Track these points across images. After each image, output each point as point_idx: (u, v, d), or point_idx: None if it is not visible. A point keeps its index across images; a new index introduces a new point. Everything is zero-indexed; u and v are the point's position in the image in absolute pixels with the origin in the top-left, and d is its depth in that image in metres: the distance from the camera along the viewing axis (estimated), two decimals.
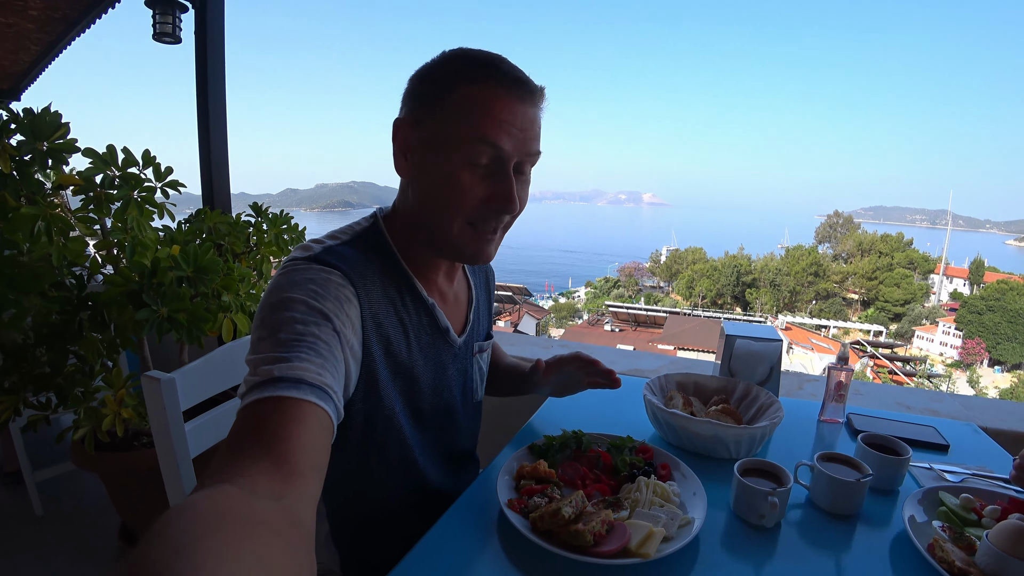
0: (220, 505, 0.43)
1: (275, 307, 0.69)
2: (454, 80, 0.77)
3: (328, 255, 0.77)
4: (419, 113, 0.80)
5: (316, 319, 0.69)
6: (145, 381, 1.02)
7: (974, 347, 36.34)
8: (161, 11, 2.59)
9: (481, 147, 0.76)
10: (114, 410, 1.73)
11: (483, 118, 0.75)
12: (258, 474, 0.51)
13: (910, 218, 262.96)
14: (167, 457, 1.04)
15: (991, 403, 1.78)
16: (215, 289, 1.76)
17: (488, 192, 0.79)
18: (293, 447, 0.55)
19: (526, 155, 0.80)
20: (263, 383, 0.60)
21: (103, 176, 1.71)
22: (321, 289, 0.72)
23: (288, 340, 0.65)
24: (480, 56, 0.79)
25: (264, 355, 0.64)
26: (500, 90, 0.76)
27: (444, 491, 0.98)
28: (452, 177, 0.78)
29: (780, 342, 1.29)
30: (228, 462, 0.53)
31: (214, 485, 0.48)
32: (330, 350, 0.68)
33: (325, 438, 0.61)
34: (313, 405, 0.61)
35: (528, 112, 0.79)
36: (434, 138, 0.79)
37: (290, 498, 0.50)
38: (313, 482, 0.55)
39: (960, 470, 1.08)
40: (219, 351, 1.17)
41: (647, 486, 0.85)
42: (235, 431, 0.58)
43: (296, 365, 0.63)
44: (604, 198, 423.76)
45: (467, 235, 0.83)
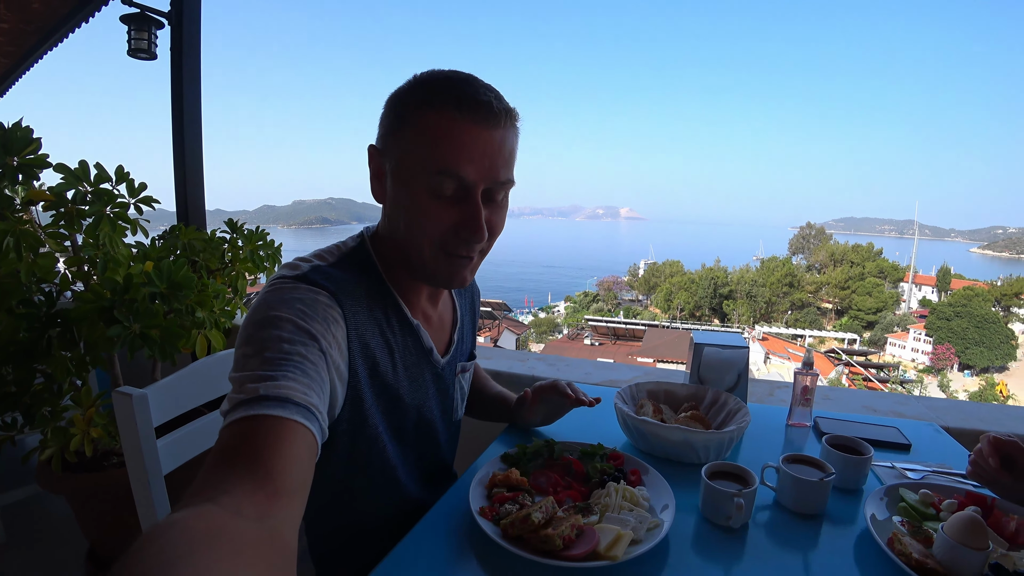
0: (205, 524, 0.43)
1: (262, 325, 0.69)
2: (416, 107, 0.76)
3: (316, 275, 0.77)
4: (387, 140, 0.80)
5: (303, 339, 0.69)
6: (116, 397, 1.01)
7: (944, 352, 37.33)
8: (136, 27, 2.58)
9: (443, 178, 0.76)
10: (83, 429, 1.69)
11: (443, 147, 0.74)
12: (243, 493, 0.50)
13: (879, 228, 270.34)
14: (138, 475, 1.02)
15: (953, 404, 1.84)
16: (189, 305, 1.75)
17: (456, 220, 0.79)
18: (278, 466, 0.55)
19: (493, 182, 0.78)
20: (248, 401, 0.60)
21: (75, 192, 1.69)
22: (309, 309, 0.72)
23: (274, 359, 0.65)
24: (441, 79, 0.77)
25: (250, 373, 0.64)
26: (458, 115, 0.74)
27: (422, 505, 0.98)
28: (419, 206, 0.78)
29: (747, 349, 1.32)
30: (212, 480, 0.52)
31: (198, 504, 0.47)
32: (316, 370, 0.68)
33: (310, 458, 0.61)
34: (298, 424, 0.60)
35: (493, 136, 0.76)
36: (400, 166, 0.79)
37: (275, 518, 0.50)
38: (297, 502, 0.55)
39: (921, 468, 1.12)
40: (192, 367, 1.16)
41: (616, 491, 0.87)
42: (219, 449, 0.57)
43: (282, 384, 0.62)
44: (582, 213, 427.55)
45: (440, 261, 0.82)
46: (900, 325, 44.57)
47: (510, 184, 0.82)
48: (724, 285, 51.07)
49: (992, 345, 37.54)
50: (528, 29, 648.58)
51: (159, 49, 2.62)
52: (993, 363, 37.60)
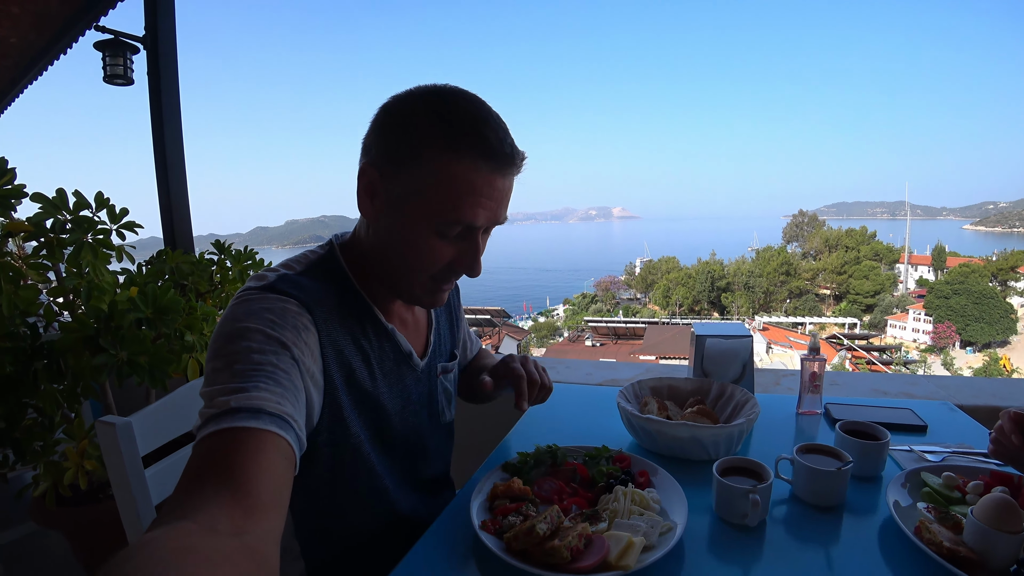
0: (179, 542, 0.42)
1: (230, 337, 0.67)
2: (436, 149, 0.72)
3: (283, 283, 0.76)
4: (390, 164, 0.76)
5: (274, 348, 0.68)
6: (100, 427, 0.98)
7: (945, 331, 37.37)
8: (111, 54, 2.55)
9: (455, 223, 0.75)
10: (76, 462, 1.66)
11: (459, 195, 0.73)
12: (218, 509, 0.49)
13: (871, 212, 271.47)
14: (127, 506, 1.00)
15: (964, 381, 1.81)
16: (177, 329, 1.71)
17: (453, 257, 0.80)
18: (254, 479, 0.53)
19: (495, 222, 0.80)
20: (220, 415, 0.58)
21: (54, 220, 1.66)
22: (278, 318, 0.70)
23: (245, 370, 0.64)
24: (462, 118, 0.73)
25: (220, 386, 0.62)
26: (484, 166, 0.73)
27: (418, 518, 0.95)
28: (421, 242, 0.77)
29: (750, 338, 1.28)
30: (186, 497, 0.51)
31: (172, 522, 0.47)
32: (290, 379, 0.67)
33: (287, 468, 0.59)
34: (273, 435, 0.59)
35: (506, 183, 0.77)
36: (404, 197, 0.76)
37: (252, 532, 0.49)
38: (275, 515, 0.53)
39: (940, 449, 1.09)
40: (179, 391, 1.13)
41: (625, 495, 0.83)
42: (192, 465, 0.56)
43: (254, 395, 0.61)
44: (575, 215, 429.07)
45: (427, 289, 0.83)
46: (899, 306, 44.66)
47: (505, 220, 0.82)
48: (721, 278, 51.11)
49: (992, 320, 37.60)
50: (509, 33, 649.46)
51: (136, 74, 2.59)
52: (994, 338, 37.65)
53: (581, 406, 1.37)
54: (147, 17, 2.42)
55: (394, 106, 0.77)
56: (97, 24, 2.55)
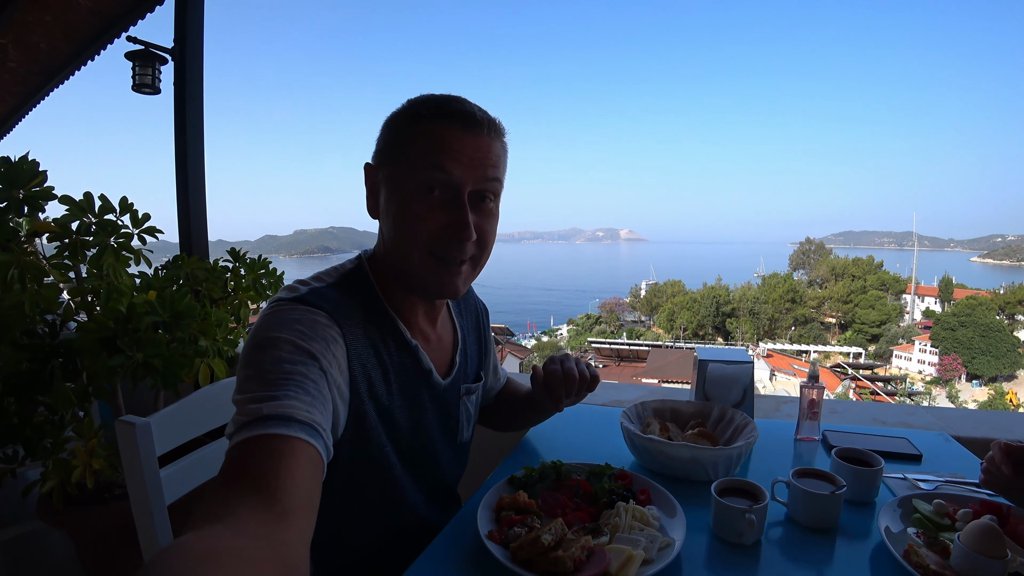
0: (212, 546, 0.43)
1: (262, 346, 0.70)
2: (409, 121, 0.82)
3: (314, 296, 0.79)
4: (381, 156, 0.85)
5: (303, 358, 0.70)
6: (119, 426, 1.00)
7: (951, 363, 37.00)
8: (141, 64, 2.64)
9: (430, 173, 0.79)
10: (84, 461, 1.68)
11: (430, 148, 0.79)
12: (249, 514, 0.50)
13: (878, 241, 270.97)
14: (141, 505, 1.01)
15: (961, 412, 1.82)
16: (192, 334, 1.75)
17: (444, 220, 0.81)
18: (284, 485, 0.55)
19: (481, 181, 0.82)
20: (251, 422, 0.60)
21: (79, 223, 1.71)
22: (308, 329, 0.73)
23: (276, 379, 0.66)
24: (431, 96, 0.83)
25: (252, 394, 0.64)
26: (447, 121, 0.80)
27: (426, 529, 0.97)
28: (408, 209, 0.81)
29: (751, 363, 1.32)
30: (218, 502, 0.53)
31: (204, 526, 0.48)
32: (318, 389, 0.69)
33: (316, 475, 0.61)
34: (303, 442, 0.61)
35: (478, 141, 0.81)
36: (391, 176, 0.83)
37: (282, 537, 0.50)
38: (305, 520, 0.55)
39: (933, 478, 1.11)
40: (195, 395, 1.16)
41: (626, 511, 0.86)
42: (224, 471, 0.58)
43: (285, 403, 0.63)
44: (582, 236, 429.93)
45: (431, 267, 0.84)
46: (905, 337, 44.32)
47: (497, 185, 0.85)
48: (726, 303, 50.94)
49: (999, 354, 37.24)
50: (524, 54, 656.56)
51: (163, 83, 2.67)
52: (1001, 372, 37.26)
53: (585, 425, 1.40)
54: (176, 30, 2.51)
55: (389, 115, 0.86)
56: (128, 34, 2.63)
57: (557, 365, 1.04)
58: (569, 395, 1.03)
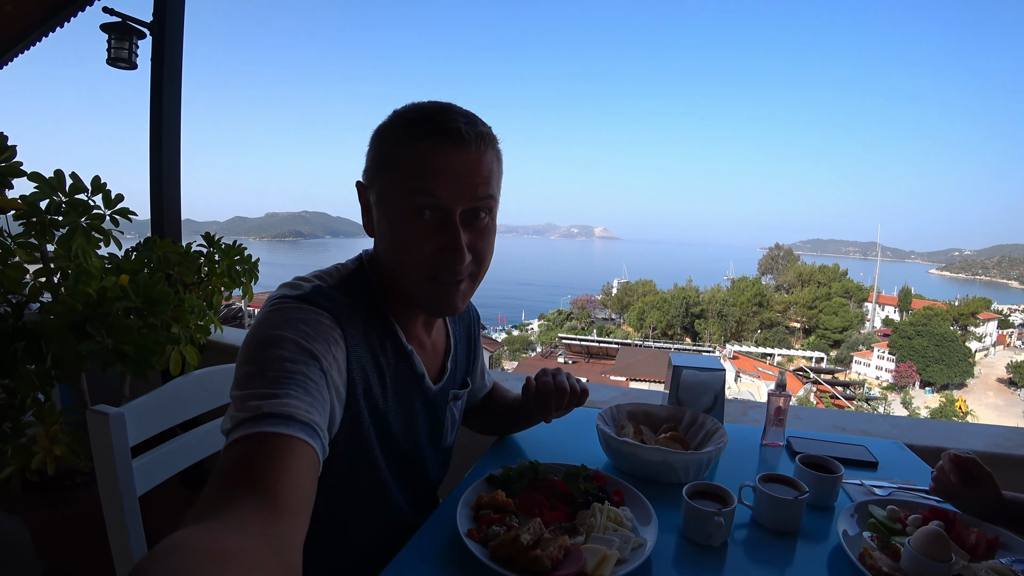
0: (212, 543, 0.43)
1: (264, 344, 0.70)
2: (392, 140, 0.80)
3: (318, 296, 0.79)
4: (370, 175, 0.84)
5: (305, 358, 0.70)
6: (91, 416, 0.98)
7: (906, 370, 38.46)
8: (117, 37, 2.54)
9: (419, 199, 0.78)
10: (45, 447, 1.63)
11: (417, 172, 0.77)
12: (247, 511, 0.50)
13: (844, 250, 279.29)
14: (112, 498, 0.99)
15: (915, 422, 1.92)
16: (164, 320, 1.71)
17: (437, 245, 0.80)
18: (283, 484, 0.55)
19: (472, 201, 0.80)
20: (251, 419, 0.60)
21: (48, 201, 1.65)
22: (311, 330, 0.73)
23: (277, 377, 0.66)
24: (415, 111, 0.80)
25: (252, 391, 0.64)
26: (433, 140, 0.77)
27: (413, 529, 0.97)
28: (400, 234, 0.81)
29: (723, 372, 1.36)
30: (217, 499, 0.52)
31: (203, 522, 0.48)
32: (318, 389, 0.69)
33: (313, 475, 0.61)
34: (302, 442, 0.61)
35: (467, 159, 0.78)
36: (382, 198, 0.82)
37: (280, 536, 0.50)
38: (301, 520, 0.55)
39: (888, 484, 1.17)
40: (169, 386, 1.13)
41: (601, 512, 0.89)
42: (222, 467, 0.57)
43: (285, 402, 0.63)
44: (557, 232, 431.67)
45: (429, 289, 0.84)
46: (865, 344, 45.86)
47: (491, 201, 0.83)
48: (696, 304, 51.84)
49: (951, 363, 38.87)
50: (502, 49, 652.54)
51: (139, 59, 2.59)
52: (952, 380, 38.91)
53: (559, 424, 1.42)
54: (156, 4, 2.43)
55: (377, 127, 0.84)
56: (105, 5, 2.53)
57: (549, 378, 1.06)
58: (559, 408, 1.05)
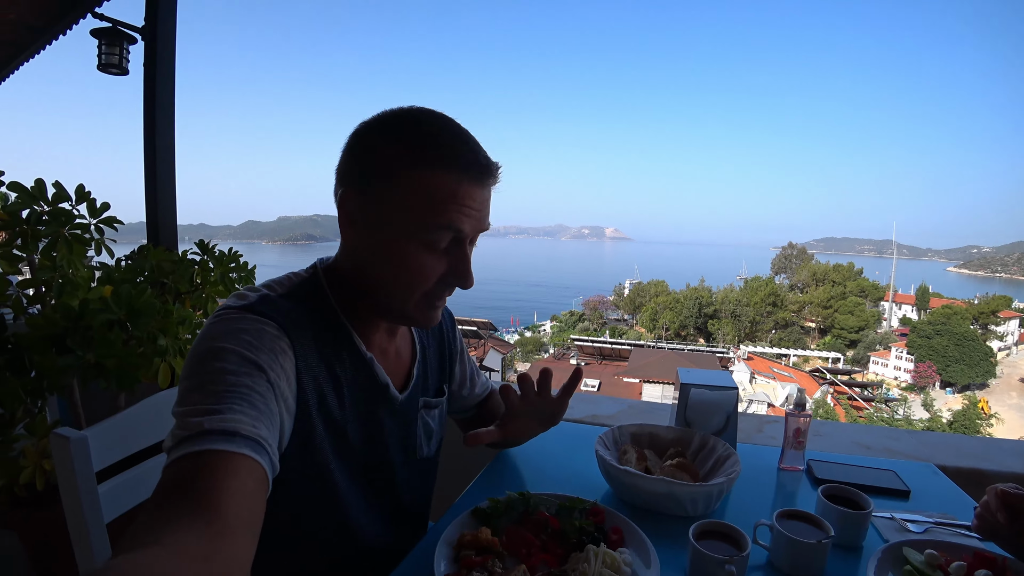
0: (146, 569, 0.42)
1: (205, 357, 0.66)
2: (413, 163, 0.74)
3: (263, 305, 0.74)
4: (367, 185, 0.76)
5: (249, 370, 0.66)
6: (53, 439, 0.94)
7: (926, 370, 37.73)
8: (108, 42, 2.51)
9: (443, 233, 0.76)
10: (35, 461, 1.60)
11: (444, 204, 0.74)
12: (187, 533, 0.48)
13: (859, 248, 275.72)
14: (77, 523, 0.95)
15: (946, 439, 1.80)
16: (151, 332, 1.65)
17: (445, 270, 0.79)
18: (225, 504, 0.52)
19: (481, 230, 0.81)
20: (192, 436, 0.57)
21: (30, 211, 1.61)
22: (255, 340, 0.69)
23: (219, 391, 0.63)
24: (436, 137, 0.75)
25: (193, 407, 0.61)
26: (463, 178, 0.74)
27: (387, 549, 0.92)
28: (409, 258, 0.77)
29: (736, 390, 1.26)
30: (154, 520, 0.50)
31: (139, 548, 0.46)
32: (264, 402, 0.65)
33: (260, 493, 0.58)
34: (247, 458, 0.58)
35: (484, 192, 0.79)
36: (388, 216, 0.76)
37: (222, 558, 0.48)
38: (247, 540, 0.53)
39: (923, 519, 1.05)
40: (143, 404, 1.08)
41: (596, 555, 0.79)
42: (162, 487, 0.55)
43: (228, 417, 0.60)
44: (568, 233, 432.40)
45: (420, 308, 0.82)
46: (882, 344, 45.13)
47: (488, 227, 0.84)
48: (709, 305, 51.37)
49: (972, 363, 38.07)
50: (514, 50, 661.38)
51: (131, 64, 2.55)
52: (974, 380, 38.11)
53: (558, 442, 1.33)
54: (148, 8, 2.39)
55: (366, 131, 0.78)
56: (95, 11, 2.50)
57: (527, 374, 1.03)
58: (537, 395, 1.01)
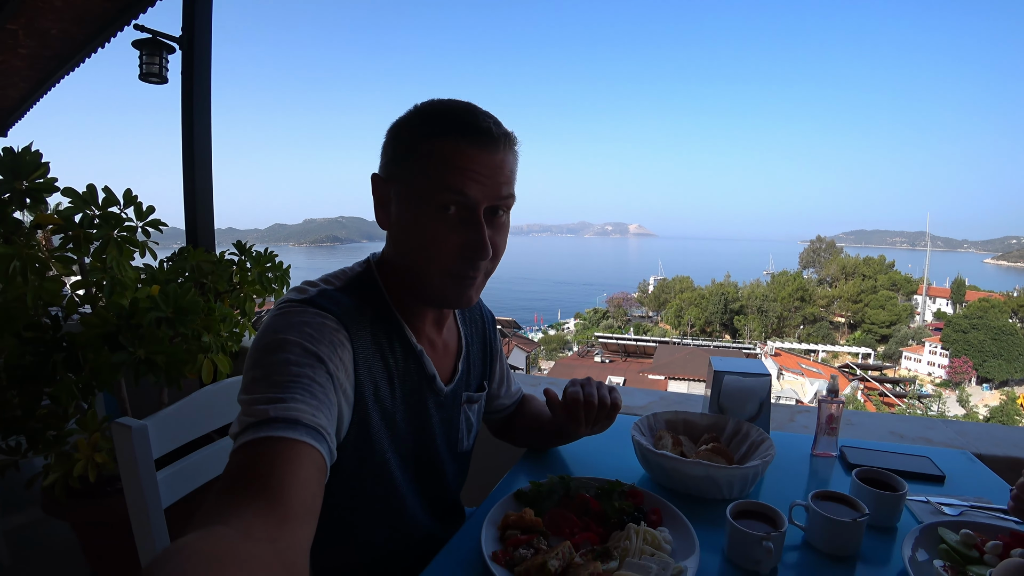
0: (215, 546, 0.43)
1: (270, 348, 0.70)
2: (419, 135, 0.79)
3: (323, 299, 0.78)
4: (390, 168, 0.83)
5: (311, 361, 0.70)
6: (115, 428, 0.98)
7: (961, 366, 36.58)
8: (148, 52, 2.61)
9: (447, 195, 0.78)
10: (87, 455, 1.67)
11: (447, 169, 0.77)
12: (253, 516, 0.50)
13: (890, 240, 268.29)
14: (138, 508, 1.00)
15: (983, 428, 1.77)
16: (195, 330, 1.73)
17: (461, 240, 0.80)
18: (288, 489, 0.54)
19: (496, 199, 0.81)
20: (258, 423, 0.60)
21: (82, 215, 1.69)
22: (316, 332, 0.73)
23: (283, 381, 0.65)
24: (443, 108, 0.80)
25: (259, 395, 0.64)
26: (462, 141, 0.77)
27: (430, 539, 0.96)
28: (424, 228, 0.80)
29: (768, 376, 1.27)
30: (222, 503, 0.52)
31: (208, 526, 0.47)
32: (324, 392, 0.69)
33: (319, 480, 0.61)
34: (308, 446, 0.60)
35: (494, 158, 0.79)
36: (405, 192, 0.81)
37: (285, 541, 0.50)
38: (308, 525, 0.55)
39: (958, 502, 1.06)
40: (195, 395, 1.13)
41: (637, 533, 0.82)
42: (229, 472, 0.57)
43: (291, 406, 0.62)
44: (591, 230, 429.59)
45: (447, 283, 0.83)
46: (915, 338, 43.89)
47: (511, 200, 0.84)
48: (735, 300, 50.62)
49: (1011, 357, 36.77)
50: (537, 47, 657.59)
51: (170, 73, 2.65)
52: (1012, 376, 36.80)
53: None
54: (184, 19, 2.48)
55: (395, 122, 0.84)
56: (136, 22, 2.60)
57: (578, 388, 1.02)
58: (588, 421, 1.01)
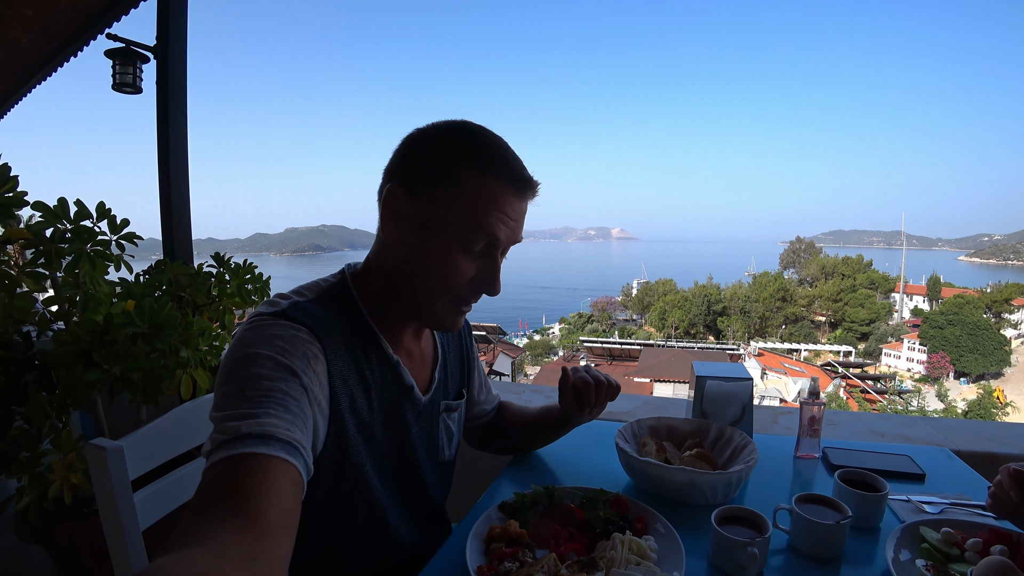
0: (189, 568, 0.43)
1: (241, 363, 0.68)
2: (464, 166, 0.78)
3: (295, 311, 0.77)
4: (417, 187, 0.80)
5: (284, 375, 0.68)
6: (89, 450, 0.96)
7: (939, 361, 37.33)
8: (121, 62, 2.57)
9: (481, 237, 0.79)
10: (62, 476, 1.63)
11: (488, 212, 0.78)
12: (228, 534, 0.49)
13: (867, 240, 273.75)
14: (114, 532, 0.98)
15: (960, 424, 1.80)
16: (173, 345, 1.69)
17: (474, 273, 0.82)
18: (264, 505, 0.54)
19: (515, 241, 0.85)
20: (230, 440, 0.59)
21: (53, 230, 1.65)
22: (288, 345, 0.71)
23: (256, 396, 0.64)
24: (491, 145, 0.81)
25: (231, 411, 0.62)
26: (508, 188, 0.79)
27: (414, 551, 0.95)
28: (447, 258, 0.80)
29: (750, 380, 1.28)
30: (196, 523, 0.51)
31: (183, 548, 0.47)
32: (299, 406, 0.67)
33: (296, 495, 0.60)
34: (283, 461, 0.59)
35: (524, 205, 0.83)
36: (434, 217, 0.79)
37: (263, 559, 0.49)
38: (285, 541, 0.54)
39: (938, 500, 1.07)
40: (174, 412, 1.11)
41: (622, 543, 0.81)
42: (202, 490, 0.56)
43: (264, 421, 0.61)
44: (574, 235, 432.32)
45: (449, 309, 0.85)
46: (894, 335, 44.72)
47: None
48: (717, 302, 51.13)
49: (986, 352, 37.64)
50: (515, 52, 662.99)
51: (144, 83, 2.60)
52: (988, 370, 37.66)
53: (576, 440, 1.35)
54: (159, 28, 2.44)
55: (422, 137, 0.82)
56: (108, 32, 2.56)
57: (583, 373, 1.09)
58: (594, 402, 1.08)
